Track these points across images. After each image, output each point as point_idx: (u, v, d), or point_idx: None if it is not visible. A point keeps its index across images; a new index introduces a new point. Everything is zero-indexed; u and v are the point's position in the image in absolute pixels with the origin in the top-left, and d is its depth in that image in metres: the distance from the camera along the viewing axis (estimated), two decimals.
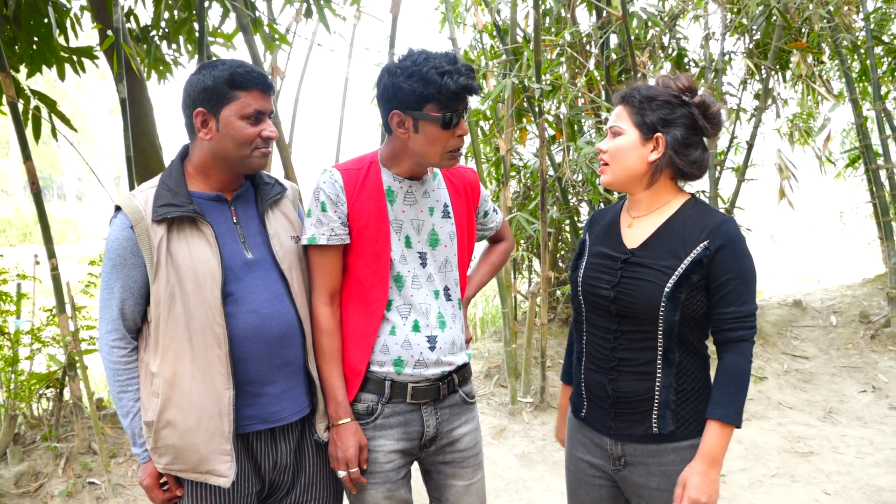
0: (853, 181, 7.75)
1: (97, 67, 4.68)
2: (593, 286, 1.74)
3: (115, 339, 1.69)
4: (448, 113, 1.69)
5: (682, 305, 1.61)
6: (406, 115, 1.71)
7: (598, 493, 1.83)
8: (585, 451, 1.84)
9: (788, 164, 5.67)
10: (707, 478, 1.59)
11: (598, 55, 5.35)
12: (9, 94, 3.44)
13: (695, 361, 1.69)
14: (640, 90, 1.67)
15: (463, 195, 1.95)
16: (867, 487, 3.62)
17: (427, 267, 1.85)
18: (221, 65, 1.67)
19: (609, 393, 1.72)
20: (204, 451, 1.66)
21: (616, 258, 1.71)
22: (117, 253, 1.65)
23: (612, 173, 1.71)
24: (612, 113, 1.73)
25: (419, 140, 1.73)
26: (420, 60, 1.67)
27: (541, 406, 4.65)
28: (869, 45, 5.89)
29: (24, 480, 3.45)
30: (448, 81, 1.64)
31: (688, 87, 1.66)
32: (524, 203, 5.52)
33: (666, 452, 1.68)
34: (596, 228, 1.85)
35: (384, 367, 1.82)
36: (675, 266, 1.61)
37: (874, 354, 5.54)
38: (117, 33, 3.48)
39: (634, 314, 1.66)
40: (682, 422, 1.67)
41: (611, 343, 1.72)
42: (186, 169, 1.75)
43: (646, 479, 1.71)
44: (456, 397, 1.93)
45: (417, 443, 1.88)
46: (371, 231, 1.79)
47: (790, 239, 14.26)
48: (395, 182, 1.83)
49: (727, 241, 1.60)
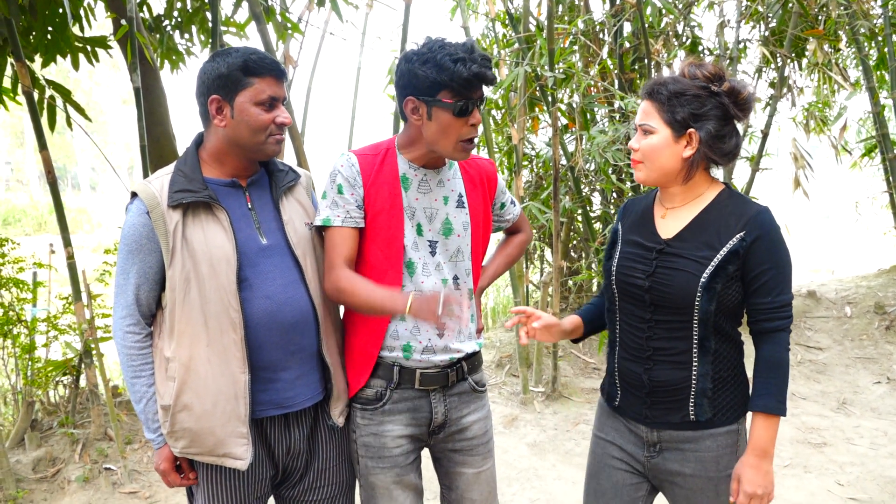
0: (869, 171, 7.67)
1: (111, 57, 4.71)
2: (627, 276, 1.73)
3: (130, 324, 1.70)
4: (461, 101, 1.69)
5: (718, 295, 1.61)
6: (420, 101, 1.72)
7: (620, 478, 1.82)
8: (617, 434, 1.82)
9: (804, 154, 5.61)
10: (760, 470, 1.61)
11: (612, 43, 5.31)
12: (25, 84, 3.47)
13: (730, 349, 1.69)
14: (666, 85, 1.63)
15: (479, 186, 1.95)
16: (881, 478, 3.60)
17: (436, 256, 1.85)
18: (235, 52, 1.68)
19: (645, 382, 1.72)
20: (220, 435, 1.68)
21: (651, 248, 1.70)
22: (133, 238, 1.67)
23: (647, 171, 1.68)
24: (640, 109, 1.70)
25: (432, 127, 1.74)
26: (436, 48, 1.68)
27: (552, 395, 4.65)
28: (887, 33, 5.80)
29: (42, 466, 3.50)
30: (461, 68, 1.65)
31: (715, 74, 1.63)
32: (536, 192, 5.50)
33: (703, 439, 1.69)
34: (628, 219, 1.84)
35: (393, 352, 1.83)
36: (711, 256, 1.61)
37: (889, 345, 5.50)
38: (131, 22, 3.49)
39: (670, 304, 1.65)
40: (720, 409, 1.68)
41: (645, 332, 1.71)
42: (201, 156, 1.76)
43: (681, 466, 1.71)
44: (465, 385, 1.93)
45: (426, 429, 1.89)
46: (385, 217, 1.79)
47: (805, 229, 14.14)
48: (410, 169, 1.83)
49: (763, 231, 1.60)
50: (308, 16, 4.74)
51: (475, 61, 1.67)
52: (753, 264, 1.61)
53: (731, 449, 1.69)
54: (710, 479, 1.69)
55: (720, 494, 1.69)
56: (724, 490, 1.69)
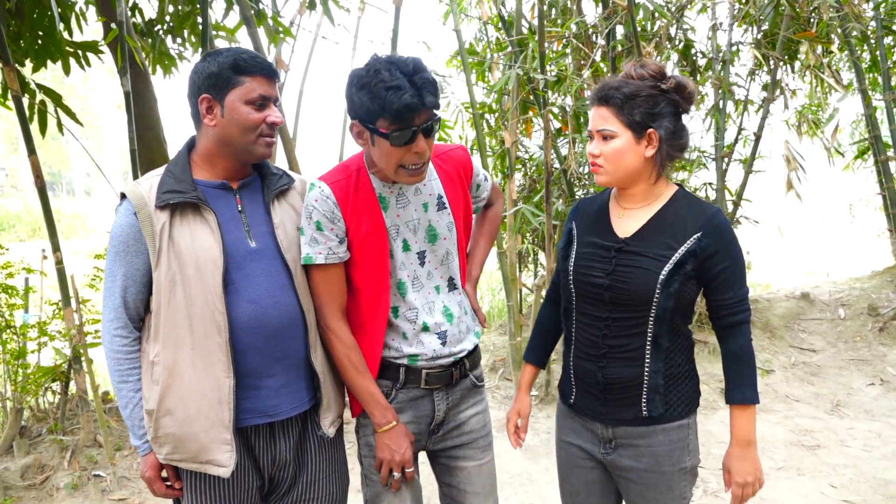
0: (862, 173, 7.68)
1: (102, 63, 4.69)
2: (586, 275, 1.75)
3: (118, 327, 1.68)
4: (397, 130, 1.59)
5: (676, 293, 1.66)
6: (362, 126, 1.65)
7: (590, 475, 1.87)
8: (576, 435, 1.88)
9: (796, 156, 5.62)
10: (747, 459, 1.69)
11: (605, 46, 5.31)
12: (13, 88, 3.45)
13: (682, 346, 1.75)
14: (619, 88, 1.64)
15: (457, 179, 1.90)
16: (874, 480, 3.59)
17: (426, 265, 1.83)
18: (226, 52, 1.67)
19: (599, 380, 1.76)
20: (204, 440, 1.66)
21: (609, 247, 1.73)
22: (120, 240, 1.65)
23: (611, 174, 1.70)
24: (593, 114, 1.70)
25: (376, 153, 1.67)
26: (372, 72, 1.57)
27: (546, 399, 4.64)
28: (879, 35, 5.82)
29: (31, 473, 3.47)
30: (393, 98, 1.54)
31: (659, 71, 1.66)
32: (529, 196, 5.49)
33: (655, 434, 1.74)
34: (582, 218, 1.86)
35: (399, 359, 1.84)
36: (669, 255, 1.65)
37: (882, 347, 5.50)
38: (121, 26, 3.47)
39: (628, 301, 1.69)
40: (671, 405, 1.73)
41: (602, 331, 1.75)
42: (192, 158, 1.75)
43: (635, 461, 1.76)
44: (467, 381, 1.95)
45: (426, 427, 1.90)
46: (370, 242, 1.76)
47: (800, 232, 14.17)
48: (384, 188, 1.79)
49: (719, 232, 1.66)
50: (300, 19, 4.72)
51: (414, 86, 1.55)
52: (713, 263, 1.66)
53: (682, 444, 1.75)
54: (662, 474, 1.74)
55: (673, 489, 1.76)
56: (676, 485, 1.76)
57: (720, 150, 5.68)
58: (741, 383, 1.68)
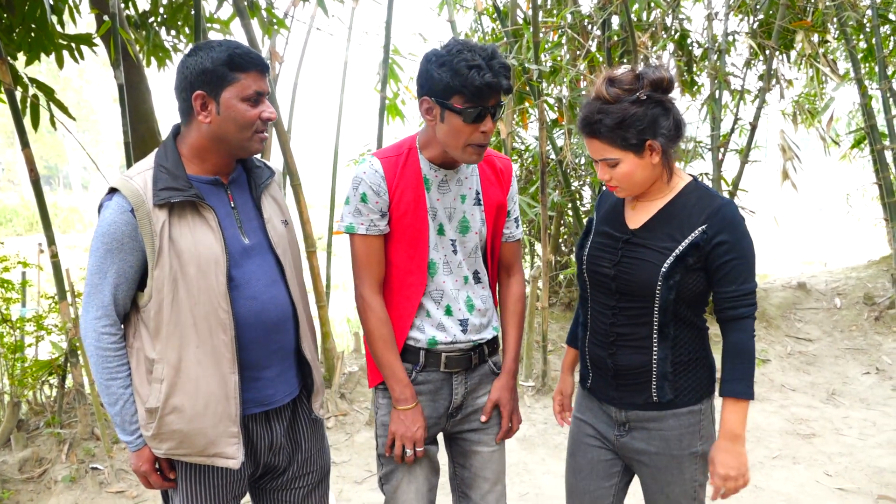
0: (859, 162, 7.69)
1: (96, 55, 4.66)
2: (596, 264, 1.80)
3: (106, 324, 1.66)
4: (472, 108, 1.67)
5: (678, 285, 1.67)
6: (434, 103, 1.72)
7: (594, 454, 1.91)
8: (592, 415, 1.92)
9: (792, 145, 5.62)
10: (732, 453, 1.68)
11: (600, 36, 5.30)
12: (5, 82, 3.44)
13: (691, 334, 1.76)
14: (601, 121, 1.62)
15: (496, 182, 1.96)
16: (869, 469, 3.61)
17: (458, 254, 1.89)
18: (218, 46, 1.63)
19: (610, 366, 1.80)
20: (212, 435, 1.67)
21: (618, 238, 1.76)
22: (114, 237, 1.61)
23: (629, 191, 1.73)
24: (587, 144, 1.70)
25: (443, 129, 1.74)
26: (454, 51, 1.66)
27: (542, 390, 4.65)
28: (875, 24, 5.81)
29: (28, 466, 3.48)
30: (475, 76, 1.63)
31: (632, 81, 1.62)
32: (525, 187, 5.49)
33: (666, 418, 1.77)
34: (603, 208, 1.90)
35: (419, 343, 1.89)
36: (672, 248, 1.67)
37: (878, 336, 5.52)
38: (113, 18, 3.45)
39: (633, 291, 1.72)
40: (681, 391, 1.75)
41: (610, 319, 1.79)
42: (181, 151, 1.70)
43: (647, 444, 1.80)
44: (485, 367, 1.99)
45: (444, 411, 1.95)
46: (410, 218, 1.82)
47: (797, 222, 14.19)
48: (430, 170, 1.85)
49: (725, 224, 1.65)
50: (294, 11, 4.71)
51: (491, 69, 1.65)
52: (717, 255, 1.66)
53: (693, 428, 1.77)
54: (673, 458, 1.77)
55: (684, 472, 1.78)
56: (687, 468, 1.78)
57: (716, 140, 5.68)
58: (735, 377, 1.68)
